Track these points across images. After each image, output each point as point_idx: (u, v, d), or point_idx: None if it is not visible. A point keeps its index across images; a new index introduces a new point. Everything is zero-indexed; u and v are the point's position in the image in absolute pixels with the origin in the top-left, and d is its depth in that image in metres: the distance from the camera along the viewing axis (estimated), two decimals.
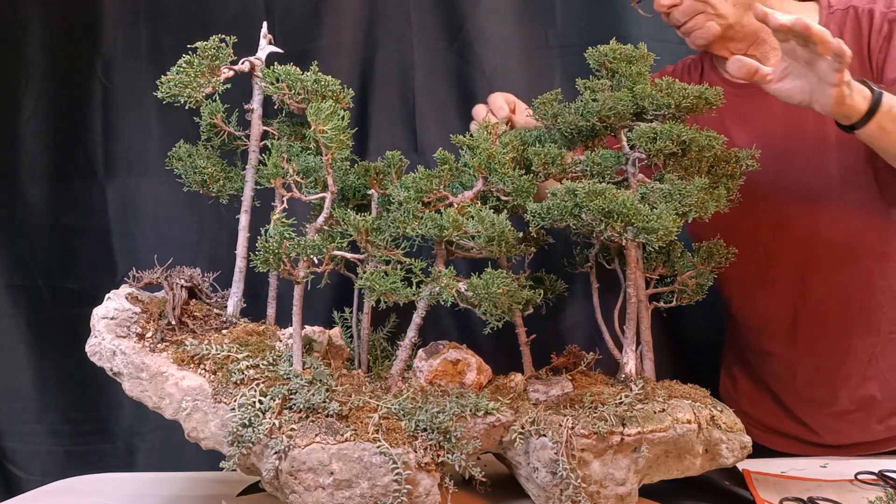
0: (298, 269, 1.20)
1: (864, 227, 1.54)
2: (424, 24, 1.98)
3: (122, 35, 1.99)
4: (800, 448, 1.64)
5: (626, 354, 1.32)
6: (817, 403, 1.63)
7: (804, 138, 1.53)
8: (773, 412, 1.69)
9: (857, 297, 1.56)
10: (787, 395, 1.67)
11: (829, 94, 1.21)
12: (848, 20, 1.48)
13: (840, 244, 1.54)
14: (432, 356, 1.30)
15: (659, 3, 1.52)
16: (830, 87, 1.21)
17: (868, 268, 1.55)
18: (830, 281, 1.57)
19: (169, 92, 1.27)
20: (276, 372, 1.21)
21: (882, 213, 1.53)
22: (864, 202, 1.53)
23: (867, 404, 1.60)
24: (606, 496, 1.19)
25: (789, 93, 1.28)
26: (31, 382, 2.05)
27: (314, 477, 1.14)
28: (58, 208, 2.02)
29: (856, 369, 1.59)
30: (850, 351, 1.58)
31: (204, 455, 1.25)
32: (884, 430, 1.60)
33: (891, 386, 1.59)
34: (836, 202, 1.54)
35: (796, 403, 1.66)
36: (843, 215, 1.54)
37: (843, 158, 1.52)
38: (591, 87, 1.37)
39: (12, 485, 2.05)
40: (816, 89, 1.24)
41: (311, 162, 1.28)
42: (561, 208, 1.21)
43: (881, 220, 1.53)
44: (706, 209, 1.25)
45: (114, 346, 1.23)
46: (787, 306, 1.62)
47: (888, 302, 1.56)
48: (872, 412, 1.60)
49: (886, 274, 1.55)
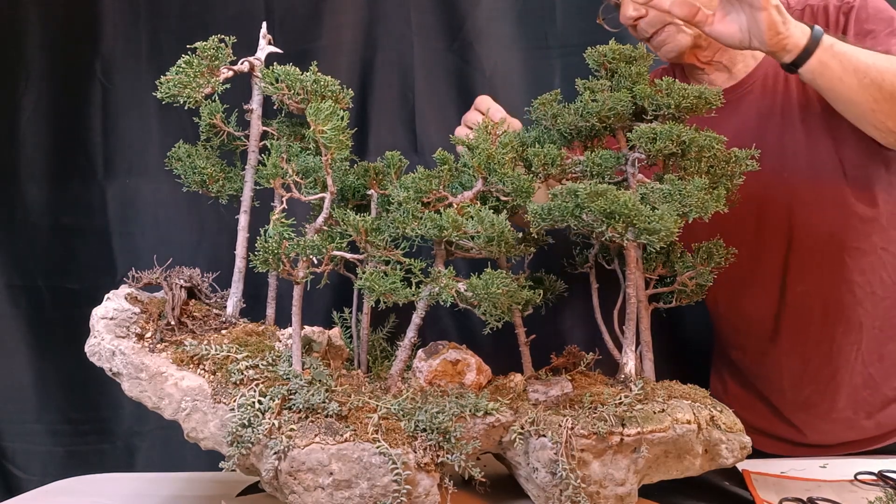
0: (298, 270, 1.20)
1: (838, 225, 1.55)
2: (424, 24, 1.98)
3: (122, 35, 1.99)
4: (789, 450, 1.64)
5: (625, 355, 1.32)
6: (805, 403, 1.64)
7: (776, 141, 1.55)
8: (763, 414, 1.69)
9: (835, 295, 1.57)
10: (775, 396, 1.68)
11: (760, 19, 1.28)
12: (805, 18, 1.50)
13: (817, 243, 1.56)
14: (432, 356, 1.30)
15: (624, 16, 1.53)
16: (760, 12, 1.27)
17: (845, 264, 1.56)
18: (810, 279, 1.58)
19: (168, 92, 1.27)
20: (276, 372, 1.21)
21: (854, 209, 1.54)
22: (837, 200, 1.54)
23: (855, 402, 1.60)
24: (606, 496, 1.19)
25: (730, 33, 1.34)
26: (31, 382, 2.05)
27: (313, 477, 1.14)
28: (58, 208, 2.02)
29: (842, 367, 1.59)
30: (835, 348, 1.59)
31: (204, 455, 1.25)
32: (874, 426, 1.60)
33: (877, 382, 1.59)
34: (810, 202, 1.55)
35: (784, 404, 1.67)
36: (818, 214, 1.55)
37: (815, 158, 1.54)
38: (591, 88, 1.37)
39: (12, 485, 2.05)
40: (750, 21, 1.30)
41: (311, 162, 1.28)
42: (562, 209, 1.21)
43: (853, 217, 1.55)
44: (706, 209, 1.25)
45: (113, 347, 1.23)
46: (769, 307, 1.63)
47: (867, 297, 1.57)
48: (861, 409, 1.60)
49: (863, 270, 1.56)
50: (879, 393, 1.59)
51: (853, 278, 1.56)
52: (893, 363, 1.59)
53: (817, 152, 1.53)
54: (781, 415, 1.67)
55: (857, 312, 1.57)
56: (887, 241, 1.56)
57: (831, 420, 1.62)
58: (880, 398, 1.60)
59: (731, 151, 1.36)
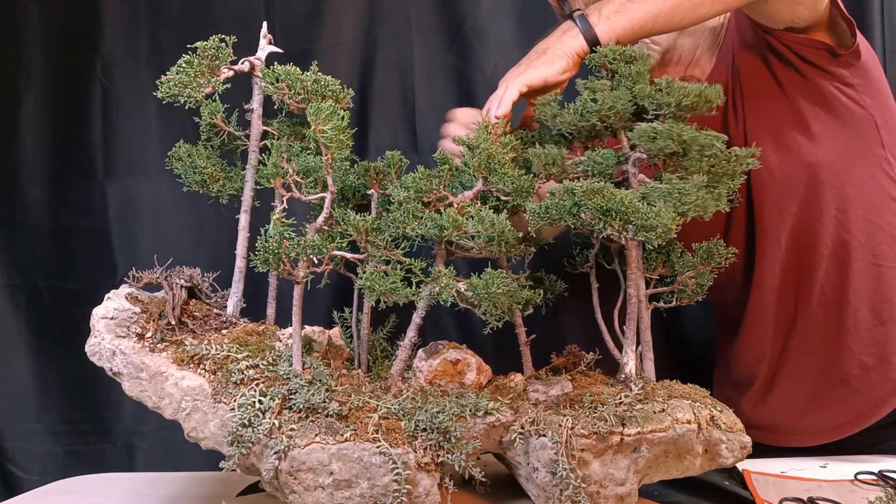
0: (298, 269, 1.20)
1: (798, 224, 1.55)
2: (424, 24, 1.99)
3: (122, 35, 1.99)
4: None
5: (625, 354, 1.32)
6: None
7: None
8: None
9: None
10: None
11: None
12: None
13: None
14: (432, 356, 1.30)
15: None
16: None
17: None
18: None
19: (168, 92, 1.27)
20: (276, 372, 1.21)
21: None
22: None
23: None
24: (606, 496, 1.19)
25: None
26: (31, 382, 2.05)
27: (314, 477, 1.14)
28: (58, 208, 2.02)
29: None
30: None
31: (204, 455, 1.25)
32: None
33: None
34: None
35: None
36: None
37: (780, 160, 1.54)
38: (591, 88, 1.37)
39: (12, 485, 2.06)
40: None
41: (311, 162, 1.28)
42: (559, 208, 1.21)
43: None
44: (706, 208, 1.25)
45: (113, 346, 1.23)
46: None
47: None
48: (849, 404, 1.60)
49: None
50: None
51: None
52: None
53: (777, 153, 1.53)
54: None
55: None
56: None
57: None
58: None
59: (731, 150, 1.36)
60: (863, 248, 1.51)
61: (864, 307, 1.53)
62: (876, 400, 1.56)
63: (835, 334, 1.55)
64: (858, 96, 1.47)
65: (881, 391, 1.56)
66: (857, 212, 1.51)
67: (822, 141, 1.50)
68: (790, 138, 1.51)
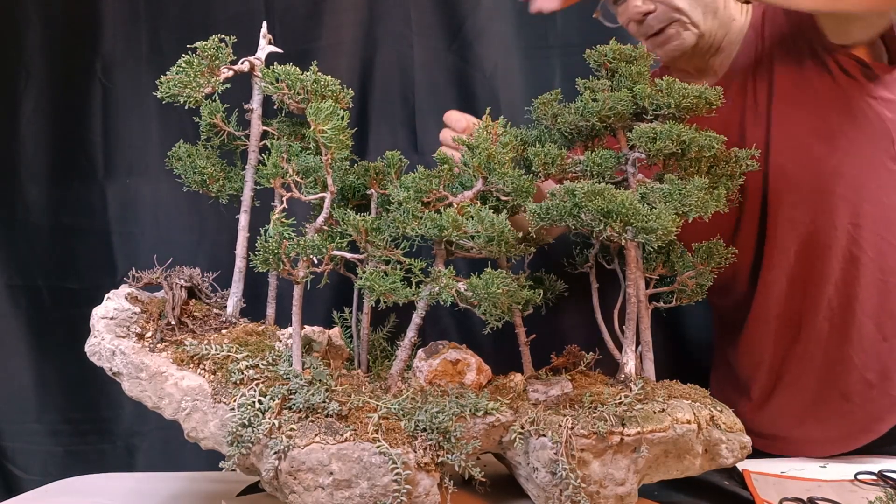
0: (298, 269, 1.20)
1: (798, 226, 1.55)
2: (424, 24, 1.98)
3: (122, 35, 1.99)
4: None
5: (625, 354, 1.32)
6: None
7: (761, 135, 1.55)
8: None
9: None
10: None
11: None
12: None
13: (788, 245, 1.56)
14: (432, 356, 1.30)
15: (635, 10, 1.51)
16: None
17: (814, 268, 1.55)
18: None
19: (168, 92, 1.27)
20: (276, 372, 1.21)
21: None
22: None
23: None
24: (606, 496, 1.19)
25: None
26: (31, 382, 2.05)
27: (314, 477, 1.14)
28: (58, 208, 2.02)
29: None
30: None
31: (204, 455, 1.25)
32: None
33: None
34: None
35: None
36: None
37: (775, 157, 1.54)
38: (591, 87, 1.37)
39: (12, 485, 2.05)
40: None
41: (311, 162, 1.28)
42: (560, 208, 1.21)
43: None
44: (706, 209, 1.25)
45: (113, 346, 1.23)
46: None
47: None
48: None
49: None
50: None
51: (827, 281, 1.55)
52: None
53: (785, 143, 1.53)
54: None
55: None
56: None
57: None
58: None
59: (731, 151, 1.36)
60: (872, 262, 1.51)
61: (869, 322, 1.52)
62: (875, 415, 1.56)
63: (839, 348, 1.55)
64: (882, 110, 1.48)
65: (880, 407, 1.55)
66: (869, 227, 1.50)
67: (843, 153, 1.49)
68: (813, 147, 1.50)
